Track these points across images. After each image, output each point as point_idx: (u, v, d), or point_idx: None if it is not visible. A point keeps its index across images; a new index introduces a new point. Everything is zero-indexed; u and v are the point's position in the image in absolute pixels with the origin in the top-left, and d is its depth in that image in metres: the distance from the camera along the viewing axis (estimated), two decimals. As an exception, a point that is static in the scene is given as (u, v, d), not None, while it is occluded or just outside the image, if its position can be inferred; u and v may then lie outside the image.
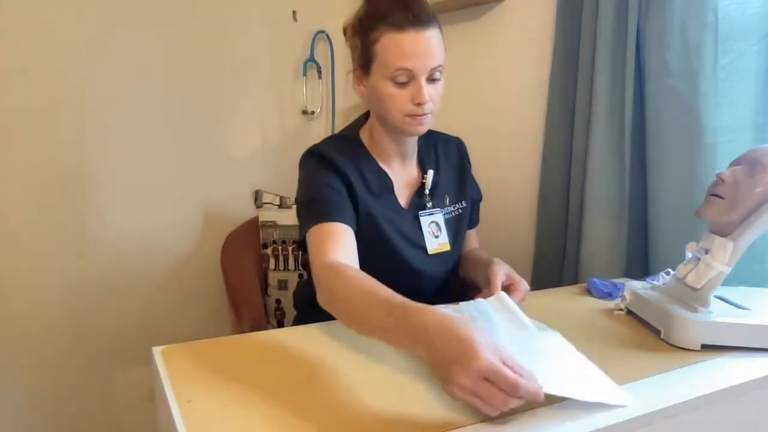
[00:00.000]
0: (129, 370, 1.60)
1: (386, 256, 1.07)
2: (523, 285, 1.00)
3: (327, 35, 1.93)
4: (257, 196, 1.61)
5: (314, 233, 0.97)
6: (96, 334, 1.57)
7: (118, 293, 1.59)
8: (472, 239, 1.30)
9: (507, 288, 0.99)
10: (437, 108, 1.04)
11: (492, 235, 1.69)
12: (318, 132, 1.98)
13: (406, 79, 0.98)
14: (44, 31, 1.43)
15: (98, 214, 1.55)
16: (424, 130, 1.05)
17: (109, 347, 1.59)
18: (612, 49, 1.36)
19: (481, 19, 1.72)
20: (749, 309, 0.95)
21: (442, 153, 1.21)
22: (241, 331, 1.27)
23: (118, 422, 1.61)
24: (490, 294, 0.96)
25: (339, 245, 0.94)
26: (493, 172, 1.72)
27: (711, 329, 0.86)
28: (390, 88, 1.00)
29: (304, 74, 1.91)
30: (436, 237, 1.13)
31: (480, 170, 1.74)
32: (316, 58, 1.92)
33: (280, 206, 1.61)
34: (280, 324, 1.55)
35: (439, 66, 1.00)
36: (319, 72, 1.94)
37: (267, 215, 1.59)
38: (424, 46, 0.97)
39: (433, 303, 1.09)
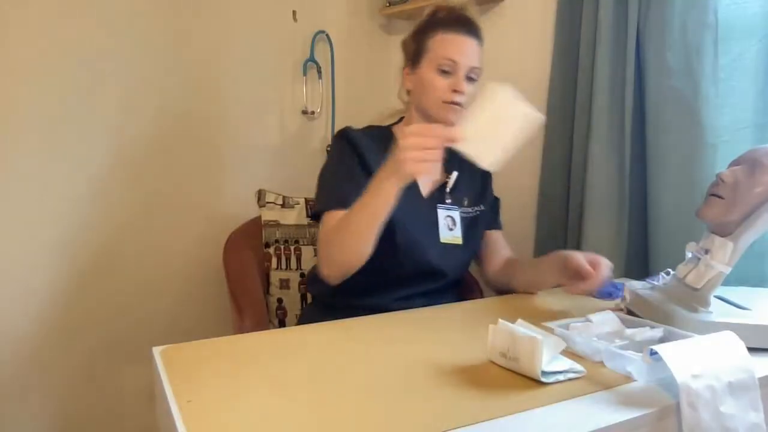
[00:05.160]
0: (129, 370, 1.60)
1: (398, 239, 1.15)
2: (604, 260, 1.06)
3: (327, 35, 1.93)
4: (260, 195, 1.61)
5: (328, 217, 1.12)
6: (96, 333, 1.57)
7: (119, 293, 1.59)
8: (501, 243, 1.35)
9: (592, 265, 1.04)
10: (466, 107, 1.16)
11: (492, 235, 1.69)
12: (318, 132, 1.98)
13: (451, 70, 1.16)
14: (43, 32, 1.43)
15: (99, 214, 1.55)
16: (455, 120, 1.17)
17: (109, 347, 1.59)
18: (612, 49, 1.36)
19: (481, 19, 1.71)
20: (749, 309, 0.95)
21: (465, 163, 1.28)
22: (244, 330, 1.28)
23: (118, 422, 1.61)
24: (584, 280, 1.03)
25: None
26: (492, 173, 1.72)
27: (711, 329, 0.86)
28: (435, 76, 1.17)
29: (304, 74, 1.91)
30: (451, 230, 1.23)
31: (480, 170, 1.74)
32: (316, 58, 1.92)
33: (283, 206, 1.61)
34: (282, 323, 1.55)
35: (477, 68, 1.18)
36: (319, 72, 1.94)
37: (269, 215, 1.59)
38: (469, 47, 1.18)
39: (442, 293, 1.23)
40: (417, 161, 0.88)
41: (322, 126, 1.99)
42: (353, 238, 1.03)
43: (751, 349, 0.74)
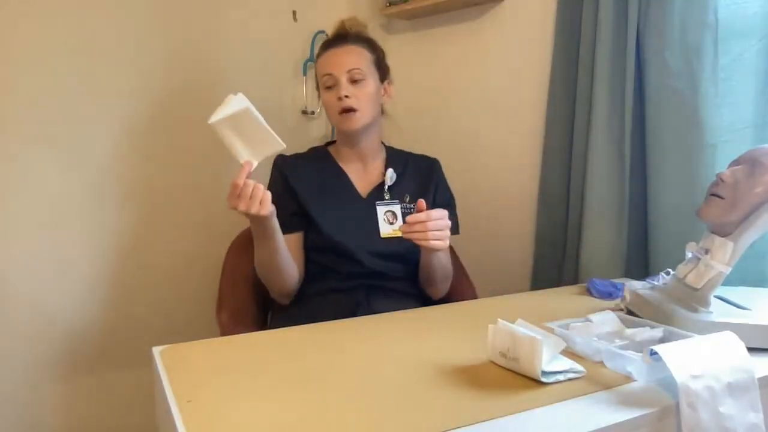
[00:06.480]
0: (129, 370, 1.60)
1: (332, 240, 1.25)
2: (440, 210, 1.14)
3: (327, 35, 1.93)
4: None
5: None
6: (96, 333, 1.57)
7: (120, 293, 1.59)
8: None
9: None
10: (367, 108, 1.26)
11: (492, 235, 1.69)
12: (318, 132, 1.98)
13: (332, 83, 1.26)
14: (43, 31, 1.43)
15: (101, 215, 1.55)
16: (354, 125, 1.26)
17: (109, 347, 1.59)
18: (612, 49, 1.36)
19: (481, 19, 1.72)
20: (749, 309, 0.95)
21: (411, 164, 1.40)
22: (222, 323, 1.31)
23: (118, 422, 1.61)
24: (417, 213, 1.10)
25: None
26: (493, 173, 1.72)
27: (711, 329, 0.86)
28: (325, 95, 1.29)
29: (304, 74, 1.91)
30: (391, 224, 1.28)
31: (480, 171, 1.74)
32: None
33: (281, 206, 1.61)
34: (282, 324, 1.55)
35: (356, 68, 1.25)
36: (320, 72, 1.94)
37: (269, 215, 1.59)
38: (339, 55, 1.27)
39: (397, 287, 1.30)
40: (248, 205, 1.06)
41: (322, 126, 1.99)
42: (269, 270, 1.21)
43: (751, 349, 0.74)
